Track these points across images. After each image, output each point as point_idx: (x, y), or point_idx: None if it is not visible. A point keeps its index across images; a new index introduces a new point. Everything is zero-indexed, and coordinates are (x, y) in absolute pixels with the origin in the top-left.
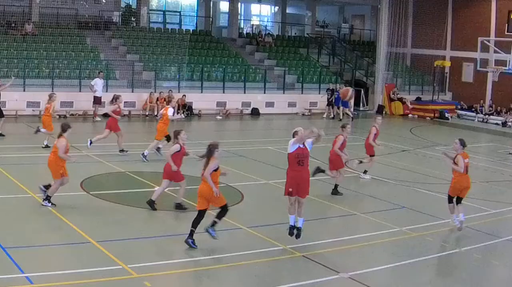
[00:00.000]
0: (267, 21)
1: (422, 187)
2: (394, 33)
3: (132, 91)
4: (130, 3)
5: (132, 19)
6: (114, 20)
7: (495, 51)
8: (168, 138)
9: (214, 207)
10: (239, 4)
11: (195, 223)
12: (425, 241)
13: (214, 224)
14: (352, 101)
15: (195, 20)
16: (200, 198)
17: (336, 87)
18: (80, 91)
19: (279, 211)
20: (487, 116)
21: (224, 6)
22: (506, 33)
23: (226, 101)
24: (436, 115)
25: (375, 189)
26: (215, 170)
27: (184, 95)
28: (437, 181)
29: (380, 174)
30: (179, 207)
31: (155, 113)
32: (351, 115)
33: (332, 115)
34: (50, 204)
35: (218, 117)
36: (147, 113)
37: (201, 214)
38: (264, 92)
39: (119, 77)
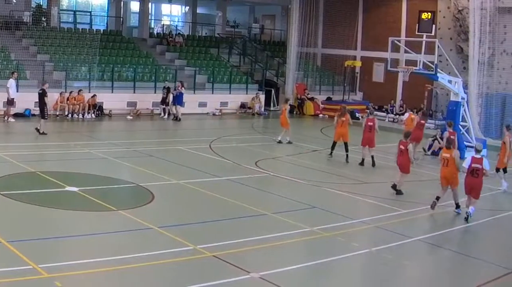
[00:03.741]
0: (178, 21)
1: (333, 187)
2: (305, 33)
3: None
4: (41, 3)
5: (43, 19)
6: (24, 20)
7: (405, 51)
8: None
9: None
10: (150, 4)
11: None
12: (337, 241)
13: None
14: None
15: (106, 20)
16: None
17: (178, 87)
18: None
19: (190, 211)
20: (397, 116)
21: (135, 6)
22: (416, 33)
23: (137, 101)
24: None
25: (286, 188)
26: None
27: (95, 95)
28: (347, 181)
29: (291, 174)
30: (398, 191)
31: (66, 113)
32: (179, 116)
33: (166, 115)
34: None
35: (129, 117)
36: (57, 113)
37: None
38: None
39: (30, 77)
